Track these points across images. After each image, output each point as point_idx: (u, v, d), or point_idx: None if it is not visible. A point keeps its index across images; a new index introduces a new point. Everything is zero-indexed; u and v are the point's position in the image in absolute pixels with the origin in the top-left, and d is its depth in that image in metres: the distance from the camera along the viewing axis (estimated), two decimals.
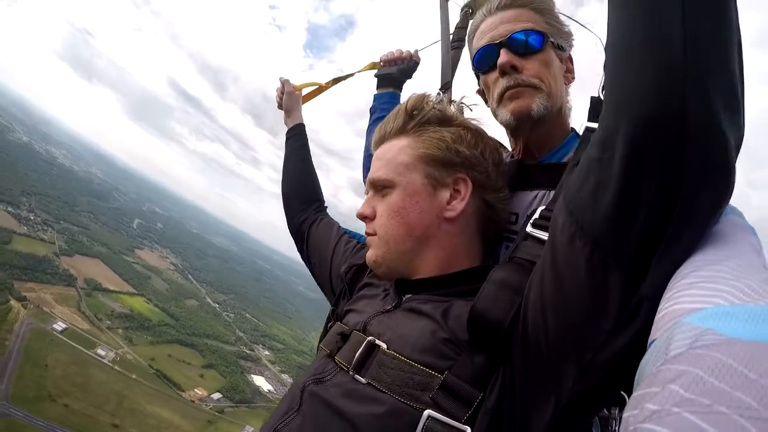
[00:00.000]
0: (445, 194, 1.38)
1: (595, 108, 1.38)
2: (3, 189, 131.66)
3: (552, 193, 1.37)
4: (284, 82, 2.62)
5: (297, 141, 2.49)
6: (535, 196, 1.50)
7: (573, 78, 1.65)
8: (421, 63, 2.69)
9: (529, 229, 1.22)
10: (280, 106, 2.64)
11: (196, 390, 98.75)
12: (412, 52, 2.63)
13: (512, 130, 1.59)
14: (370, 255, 1.47)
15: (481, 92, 1.74)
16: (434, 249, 1.38)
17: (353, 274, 1.73)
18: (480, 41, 1.59)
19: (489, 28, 1.56)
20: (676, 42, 0.71)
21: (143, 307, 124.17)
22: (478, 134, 1.48)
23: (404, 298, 1.38)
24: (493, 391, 1.02)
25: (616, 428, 1.11)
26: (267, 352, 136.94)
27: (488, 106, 1.69)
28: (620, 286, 0.82)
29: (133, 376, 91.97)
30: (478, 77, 1.72)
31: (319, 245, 2.12)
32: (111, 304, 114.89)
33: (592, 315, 0.87)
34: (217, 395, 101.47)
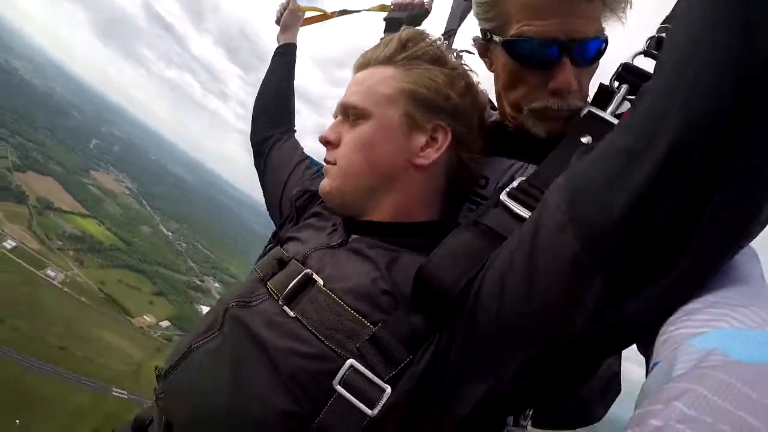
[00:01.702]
0: (421, 139, 1.29)
1: (603, 94, 1.25)
2: None
3: (531, 167, 1.31)
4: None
5: (284, 58, 2.41)
6: (512, 165, 1.39)
7: None
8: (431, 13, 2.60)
9: (503, 197, 1.10)
10: (278, 22, 2.52)
11: (145, 317, 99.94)
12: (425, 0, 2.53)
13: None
14: (325, 184, 1.38)
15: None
16: (393, 193, 1.31)
17: (304, 201, 1.66)
18: (530, 24, 1.21)
19: (547, 9, 1.18)
20: (760, 57, 0.63)
21: (95, 229, 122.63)
22: (471, 85, 1.38)
23: (351, 238, 1.31)
24: (424, 356, 0.97)
25: (526, 423, 1.08)
26: (217, 285, 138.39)
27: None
28: (599, 295, 0.76)
29: (83, 299, 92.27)
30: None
31: (278, 164, 2.06)
32: (63, 224, 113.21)
33: (558, 314, 0.82)
34: (165, 323, 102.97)
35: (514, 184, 1.13)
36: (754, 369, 0.48)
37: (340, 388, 0.97)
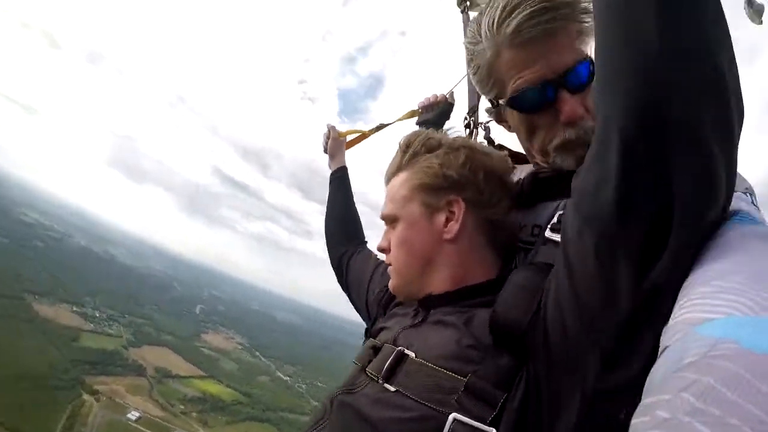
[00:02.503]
0: (441, 218, 1.44)
1: None
2: (68, 291, 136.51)
3: None
4: (330, 128, 2.82)
5: (340, 182, 2.68)
6: (558, 205, 1.43)
7: None
8: (456, 103, 2.78)
9: (547, 233, 1.27)
10: (325, 151, 2.83)
11: None
12: (447, 95, 2.72)
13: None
14: (390, 284, 1.59)
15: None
16: (441, 268, 1.45)
17: (388, 296, 1.79)
18: (521, 76, 1.34)
19: (528, 59, 1.31)
20: (651, 32, 0.74)
21: (215, 388, 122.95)
22: (466, 154, 1.48)
23: (430, 313, 1.42)
24: (518, 390, 1.03)
25: None
26: None
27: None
28: (629, 275, 0.86)
29: None
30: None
31: (358, 273, 2.25)
32: (183, 389, 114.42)
33: (604, 307, 0.91)
34: None
35: (554, 219, 1.30)
36: (764, 359, 0.47)
37: None
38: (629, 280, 0.86)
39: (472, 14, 3.03)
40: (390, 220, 1.55)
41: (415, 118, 2.73)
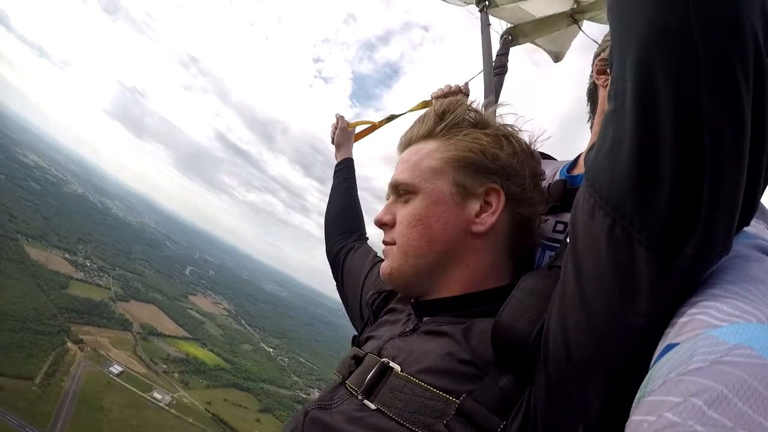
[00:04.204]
0: (475, 206, 1.22)
1: None
2: (60, 236, 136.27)
3: None
4: (339, 118, 2.65)
5: (344, 174, 2.52)
6: None
7: None
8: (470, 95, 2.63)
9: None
10: (333, 142, 2.66)
11: None
12: (461, 86, 2.60)
13: None
14: (385, 266, 1.31)
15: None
16: (458, 267, 1.23)
17: (381, 301, 1.57)
18: None
19: None
20: None
21: (198, 351, 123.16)
22: (515, 144, 1.29)
23: (423, 321, 1.24)
24: (516, 418, 0.89)
25: None
26: None
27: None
28: (650, 264, 0.67)
29: (190, 420, 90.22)
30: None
31: (352, 273, 2.01)
32: (166, 348, 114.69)
33: (619, 309, 0.72)
34: None
35: None
36: None
37: None
38: (650, 275, 0.68)
39: (492, 16, 3.00)
40: (405, 190, 1.29)
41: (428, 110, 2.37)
